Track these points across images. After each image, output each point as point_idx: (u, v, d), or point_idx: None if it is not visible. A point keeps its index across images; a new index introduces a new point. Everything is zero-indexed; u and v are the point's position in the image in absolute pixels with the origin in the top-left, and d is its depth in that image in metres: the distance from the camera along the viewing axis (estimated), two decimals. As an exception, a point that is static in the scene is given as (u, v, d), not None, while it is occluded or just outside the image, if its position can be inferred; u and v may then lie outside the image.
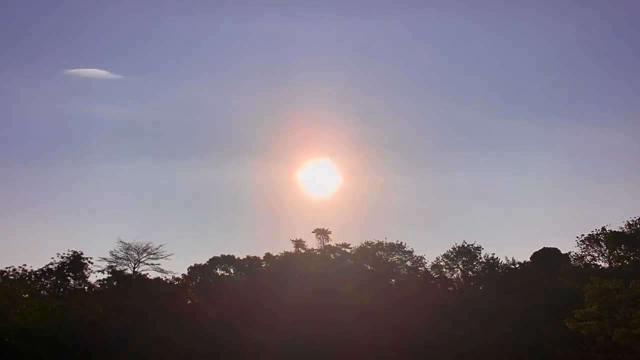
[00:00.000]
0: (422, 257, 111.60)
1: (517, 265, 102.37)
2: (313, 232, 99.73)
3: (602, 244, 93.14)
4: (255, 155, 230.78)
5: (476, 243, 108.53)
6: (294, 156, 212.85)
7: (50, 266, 76.09)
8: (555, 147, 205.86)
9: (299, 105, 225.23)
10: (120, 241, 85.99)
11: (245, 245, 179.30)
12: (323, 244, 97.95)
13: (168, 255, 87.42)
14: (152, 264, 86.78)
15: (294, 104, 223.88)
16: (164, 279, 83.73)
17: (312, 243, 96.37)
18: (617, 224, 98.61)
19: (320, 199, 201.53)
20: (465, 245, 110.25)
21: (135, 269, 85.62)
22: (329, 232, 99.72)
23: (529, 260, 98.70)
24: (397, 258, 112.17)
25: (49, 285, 75.58)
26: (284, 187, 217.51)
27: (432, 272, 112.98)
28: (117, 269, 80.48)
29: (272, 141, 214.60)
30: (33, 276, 73.14)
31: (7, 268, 69.54)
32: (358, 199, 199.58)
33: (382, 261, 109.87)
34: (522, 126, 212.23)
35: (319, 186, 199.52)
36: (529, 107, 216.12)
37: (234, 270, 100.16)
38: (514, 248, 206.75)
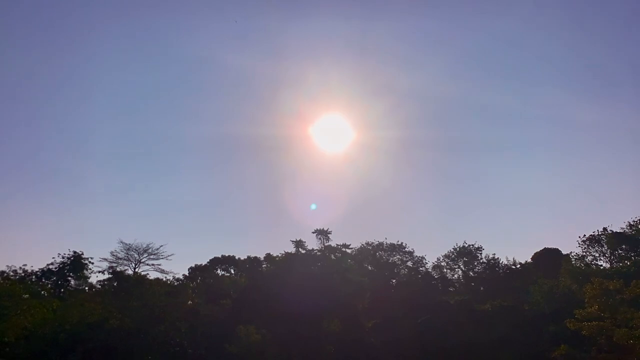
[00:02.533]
0: (422, 258, 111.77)
1: (518, 266, 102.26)
2: (313, 232, 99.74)
3: (603, 244, 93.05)
4: (267, 109, 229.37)
5: (477, 243, 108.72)
6: (306, 111, 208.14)
7: (50, 266, 76.10)
8: (556, 147, 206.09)
9: (310, 58, 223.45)
10: (121, 242, 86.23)
11: (251, 233, 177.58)
12: (323, 244, 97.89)
13: (169, 256, 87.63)
14: (152, 265, 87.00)
15: (305, 57, 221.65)
16: (164, 279, 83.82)
17: (313, 243, 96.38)
18: (618, 225, 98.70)
19: (333, 154, 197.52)
20: (466, 245, 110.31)
21: (136, 270, 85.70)
22: (329, 233, 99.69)
23: (530, 260, 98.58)
24: (398, 258, 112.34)
25: (49, 286, 75.52)
26: (296, 142, 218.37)
27: (433, 273, 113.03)
28: (118, 269, 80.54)
29: (284, 95, 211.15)
30: (33, 276, 73.13)
31: (7, 268, 69.62)
32: (371, 153, 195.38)
33: (383, 261, 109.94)
34: (523, 125, 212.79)
35: (331, 141, 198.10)
36: (531, 107, 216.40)
37: (234, 270, 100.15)
38: (514, 248, 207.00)
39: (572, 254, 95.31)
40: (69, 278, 76.88)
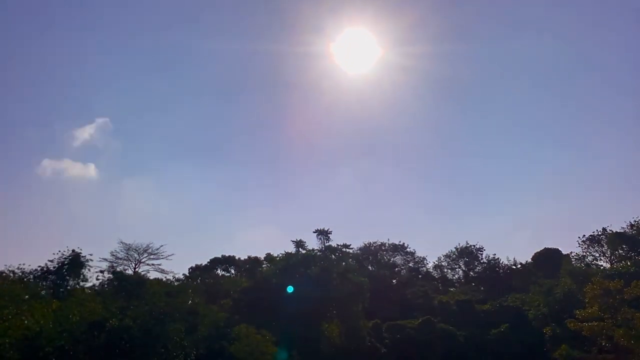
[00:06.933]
0: (424, 258, 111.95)
1: (519, 266, 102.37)
2: (314, 232, 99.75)
3: (604, 244, 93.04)
4: (282, 24, 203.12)
5: (478, 244, 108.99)
6: (327, 25, 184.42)
7: (49, 265, 75.90)
8: (557, 147, 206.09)
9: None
10: (121, 242, 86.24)
11: (250, 232, 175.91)
12: (324, 244, 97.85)
13: (169, 256, 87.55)
14: (152, 265, 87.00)
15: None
16: (164, 279, 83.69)
17: (313, 243, 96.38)
18: (618, 225, 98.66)
19: (356, 74, 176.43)
20: (467, 245, 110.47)
21: (136, 270, 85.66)
22: (330, 233, 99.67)
23: (530, 260, 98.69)
24: (400, 258, 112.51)
25: (48, 285, 75.33)
26: (317, 61, 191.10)
27: (433, 272, 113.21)
28: (118, 269, 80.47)
29: (302, 8, 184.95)
30: (32, 276, 72.92)
31: (5, 268, 69.39)
32: (399, 72, 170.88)
33: (384, 262, 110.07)
34: (524, 126, 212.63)
35: (355, 59, 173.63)
36: (532, 107, 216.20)
37: (234, 270, 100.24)
38: (515, 248, 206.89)
39: (572, 254, 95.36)
40: (68, 278, 76.68)
